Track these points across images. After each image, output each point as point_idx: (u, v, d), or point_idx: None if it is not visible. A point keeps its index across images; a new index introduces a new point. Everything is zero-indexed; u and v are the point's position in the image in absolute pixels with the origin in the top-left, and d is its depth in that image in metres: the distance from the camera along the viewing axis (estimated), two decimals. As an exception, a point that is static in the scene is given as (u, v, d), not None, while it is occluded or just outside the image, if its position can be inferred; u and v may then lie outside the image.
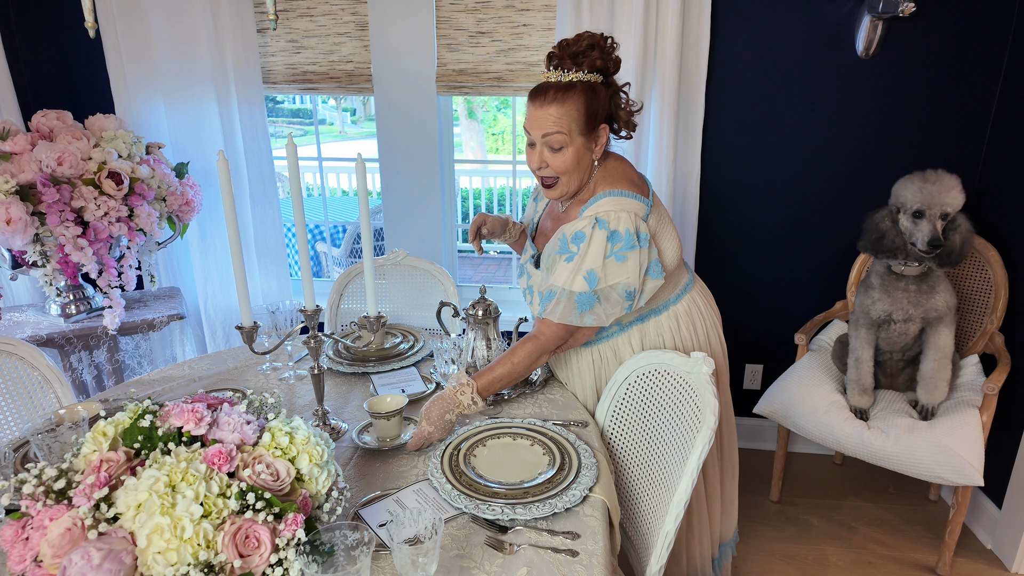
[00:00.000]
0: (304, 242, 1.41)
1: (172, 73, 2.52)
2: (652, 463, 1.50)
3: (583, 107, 1.49)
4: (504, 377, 1.52)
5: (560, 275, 1.51)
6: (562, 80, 1.49)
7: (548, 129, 1.49)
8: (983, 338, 2.31)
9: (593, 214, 1.51)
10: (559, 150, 1.51)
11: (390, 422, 1.44)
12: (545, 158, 1.53)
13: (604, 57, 1.52)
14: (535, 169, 1.56)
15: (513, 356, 1.54)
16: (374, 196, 5.21)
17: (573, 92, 1.48)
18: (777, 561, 2.29)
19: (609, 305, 1.50)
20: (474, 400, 1.47)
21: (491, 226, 1.81)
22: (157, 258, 2.68)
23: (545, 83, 1.51)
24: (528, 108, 1.53)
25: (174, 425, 1.03)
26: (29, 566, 0.92)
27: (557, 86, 1.49)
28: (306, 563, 0.93)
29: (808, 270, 2.66)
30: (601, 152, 1.58)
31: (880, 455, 2.07)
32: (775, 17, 2.36)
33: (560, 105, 1.47)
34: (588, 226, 1.50)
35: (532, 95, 1.51)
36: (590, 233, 1.49)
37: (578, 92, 1.48)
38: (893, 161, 2.47)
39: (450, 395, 1.46)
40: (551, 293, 1.52)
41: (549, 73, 1.53)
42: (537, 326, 1.57)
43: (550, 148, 1.51)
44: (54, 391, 1.71)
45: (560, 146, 1.50)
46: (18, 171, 1.98)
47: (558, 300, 1.50)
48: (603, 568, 1.12)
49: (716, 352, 1.75)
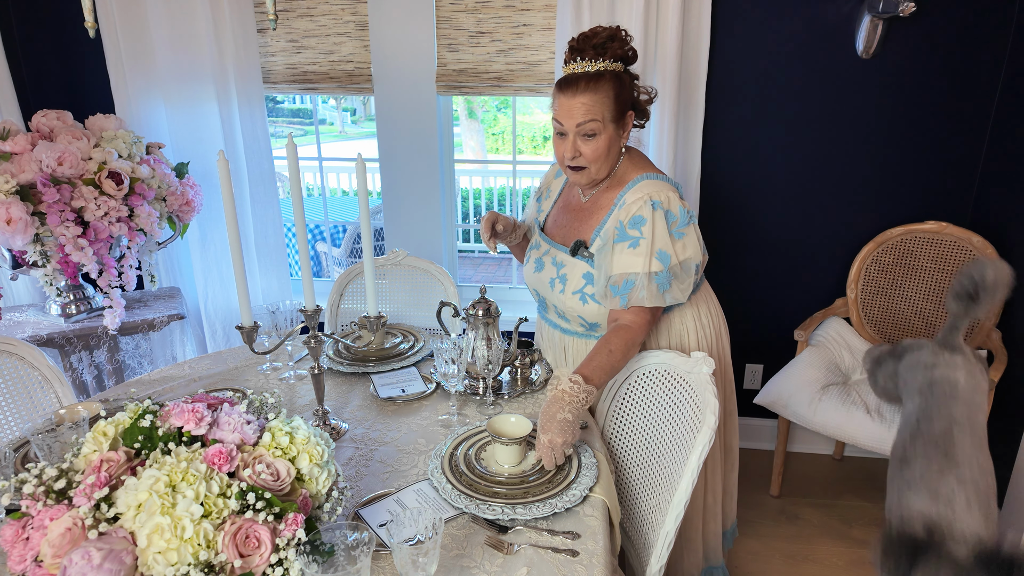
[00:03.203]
0: (304, 242, 1.41)
1: (172, 73, 2.52)
2: (652, 463, 1.50)
3: (613, 95, 1.52)
4: (604, 366, 1.45)
5: (631, 261, 1.50)
6: (589, 70, 1.51)
7: (583, 117, 1.51)
8: (980, 334, 2.32)
9: (644, 196, 1.53)
10: (592, 137, 1.53)
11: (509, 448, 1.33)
12: (578, 147, 1.54)
13: (624, 46, 1.55)
14: (568, 159, 1.56)
15: (608, 345, 1.48)
16: (374, 196, 5.21)
17: (603, 80, 1.51)
18: (777, 559, 2.29)
19: (682, 282, 1.53)
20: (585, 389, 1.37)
21: (504, 224, 1.78)
22: (157, 258, 2.68)
23: (574, 73, 1.53)
24: (558, 99, 1.54)
25: (174, 425, 1.03)
26: (29, 566, 0.92)
27: (587, 76, 1.51)
28: (306, 563, 0.93)
29: (808, 270, 2.66)
30: (628, 138, 1.61)
31: (879, 439, 2.09)
32: (775, 17, 2.36)
33: (593, 93, 1.50)
34: (645, 209, 1.51)
35: (562, 85, 1.53)
36: (650, 215, 1.51)
37: (608, 80, 1.51)
38: (893, 161, 2.47)
39: (557, 395, 1.37)
40: (629, 282, 1.50)
41: (575, 64, 1.54)
42: (625, 316, 1.53)
43: (584, 136, 1.53)
44: (54, 391, 1.71)
45: (594, 133, 1.52)
46: (18, 171, 1.98)
47: (641, 286, 1.50)
48: (603, 568, 1.12)
49: (725, 343, 1.77)
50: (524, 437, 1.34)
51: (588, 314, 1.63)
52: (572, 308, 1.64)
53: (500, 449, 1.34)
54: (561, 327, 1.77)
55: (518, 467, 1.34)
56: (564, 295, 1.65)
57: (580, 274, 1.62)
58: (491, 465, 1.35)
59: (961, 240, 2.36)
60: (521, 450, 1.35)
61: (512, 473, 1.32)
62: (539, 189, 1.91)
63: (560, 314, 1.72)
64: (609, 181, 1.64)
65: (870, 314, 2.54)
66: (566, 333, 1.76)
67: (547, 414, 1.34)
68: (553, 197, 1.83)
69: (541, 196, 1.88)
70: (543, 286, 1.72)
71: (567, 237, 1.69)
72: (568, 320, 1.71)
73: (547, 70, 2.51)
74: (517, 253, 1.97)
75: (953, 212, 2.48)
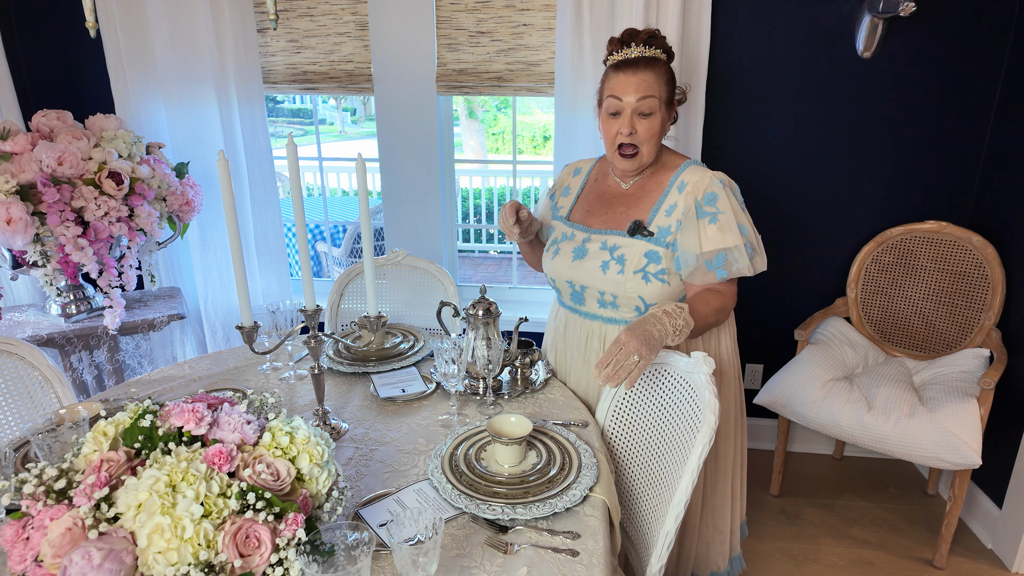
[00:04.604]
0: (304, 242, 1.41)
1: (172, 73, 2.52)
2: (652, 463, 1.50)
3: (666, 78, 1.60)
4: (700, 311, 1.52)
5: (718, 236, 1.56)
6: (646, 54, 1.58)
7: (644, 92, 1.56)
8: (980, 333, 2.33)
9: (707, 176, 1.60)
10: (648, 115, 1.58)
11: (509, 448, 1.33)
12: (635, 123, 1.59)
13: (666, 43, 1.63)
14: (624, 134, 1.59)
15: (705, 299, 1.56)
16: (374, 196, 5.22)
17: (660, 63, 1.59)
18: (777, 559, 2.29)
19: (758, 252, 1.62)
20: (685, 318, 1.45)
21: (526, 213, 1.77)
22: (157, 258, 2.68)
23: (630, 56, 1.58)
24: (616, 77, 1.59)
25: (174, 425, 1.03)
26: (30, 566, 0.92)
27: (645, 58, 1.57)
28: (306, 563, 0.93)
29: (808, 269, 2.66)
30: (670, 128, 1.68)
31: (880, 437, 2.10)
32: (775, 17, 2.36)
33: (653, 72, 1.57)
34: (715, 185, 1.58)
35: (621, 66, 1.58)
36: (722, 191, 1.57)
37: (662, 65, 1.60)
38: (893, 161, 2.47)
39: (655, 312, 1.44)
40: (721, 256, 1.56)
41: (628, 50, 1.59)
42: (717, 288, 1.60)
43: (640, 114, 1.58)
44: (54, 391, 1.71)
45: (651, 111, 1.57)
46: (18, 171, 1.98)
47: (734, 258, 1.57)
48: (603, 568, 1.12)
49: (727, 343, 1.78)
50: (524, 437, 1.34)
51: (649, 294, 1.62)
52: (631, 289, 1.61)
53: (500, 449, 1.34)
54: (603, 317, 1.71)
55: (518, 467, 1.34)
56: (623, 276, 1.61)
57: (641, 253, 1.61)
58: (491, 465, 1.35)
59: (961, 240, 2.36)
60: (521, 450, 1.35)
61: (512, 473, 1.32)
62: (553, 188, 1.90)
63: (607, 302, 1.68)
64: (653, 167, 1.69)
65: (870, 314, 2.54)
66: (609, 322, 1.71)
67: (637, 322, 1.41)
68: (574, 192, 1.82)
69: (556, 194, 1.87)
70: (588, 274, 1.67)
71: (612, 223, 1.69)
72: (618, 307, 1.67)
73: (547, 70, 2.51)
74: (526, 249, 1.95)
75: (953, 212, 2.48)
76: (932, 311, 2.45)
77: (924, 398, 2.18)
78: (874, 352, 2.50)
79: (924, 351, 2.47)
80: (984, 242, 2.31)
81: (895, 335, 2.52)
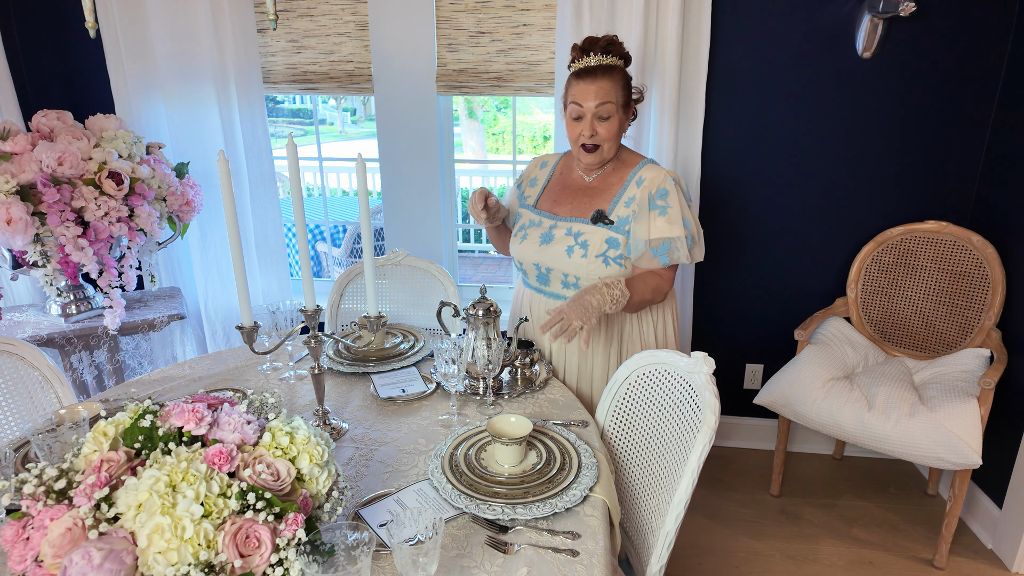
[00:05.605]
0: (304, 242, 1.41)
1: (172, 73, 2.52)
2: (652, 463, 1.50)
3: (622, 84, 1.76)
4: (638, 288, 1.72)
5: (664, 227, 1.75)
6: (604, 62, 1.75)
7: (602, 99, 1.72)
8: (981, 333, 2.33)
9: (662, 174, 1.77)
10: (607, 119, 1.75)
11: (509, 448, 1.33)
12: (595, 126, 1.75)
13: (623, 49, 1.80)
14: (586, 136, 1.76)
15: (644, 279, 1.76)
16: (374, 196, 5.21)
17: (616, 71, 1.75)
18: (777, 559, 2.29)
19: (698, 244, 1.81)
20: (621, 288, 1.66)
21: (494, 200, 1.90)
22: (157, 258, 2.68)
23: (589, 65, 1.75)
24: (577, 85, 1.75)
25: (174, 425, 1.03)
26: (30, 566, 0.92)
27: (603, 66, 1.74)
28: (306, 563, 0.93)
29: (808, 269, 2.66)
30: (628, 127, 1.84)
31: (880, 436, 2.11)
32: (775, 17, 2.36)
33: (609, 80, 1.73)
34: (667, 183, 1.76)
35: (581, 74, 1.75)
36: (672, 188, 1.76)
37: (619, 72, 1.76)
38: (893, 161, 2.47)
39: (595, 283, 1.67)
40: (665, 244, 1.75)
41: (588, 59, 1.76)
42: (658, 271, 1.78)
43: (599, 118, 1.75)
44: (54, 391, 1.71)
45: (608, 115, 1.74)
46: (18, 171, 1.98)
47: (676, 247, 1.76)
48: (603, 568, 1.12)
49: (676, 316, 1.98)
50: (524, 437, 1.34)
51: (609, 276, 1.78)
52: (593, 271, 1.78)
53: (500, 449, 1.34)
54: (566, 296, 1.86)
55: (518, 467, 1.34)
56: (587, 259, 1.78)
57: (602, 239, 1.78)
58: (491, 465, 1.35)
59: (961, 240, 2.36)
60: (521, 450, 1.35)
61: (512, 473, 1.32)
62: (520, 178, 2.05)
63: (570, 283, 1.84)
64: (614, 163, 1.86)
65: (870, 314, 2.54)
66: None
67: (578, 294, 1.64)
68: (541, 183, 1.97)
69: (523, 184, 2.01)
70: (554, 257, 1.83)
71: (577, 211, 1.85)
72: (580, 287, 1.82)
73: (547, 70, 2.51)
74: (493, 234, 2.07)
75: (953, 212, 2.48)
76: (932, 311, 2.45)
77: (924, 398, 2.18)
78: (874, 352, 2.50)
79: (924, 351, 2.47)
80: (984, 242, 2.31)
81: (895, 335, 2.52)
